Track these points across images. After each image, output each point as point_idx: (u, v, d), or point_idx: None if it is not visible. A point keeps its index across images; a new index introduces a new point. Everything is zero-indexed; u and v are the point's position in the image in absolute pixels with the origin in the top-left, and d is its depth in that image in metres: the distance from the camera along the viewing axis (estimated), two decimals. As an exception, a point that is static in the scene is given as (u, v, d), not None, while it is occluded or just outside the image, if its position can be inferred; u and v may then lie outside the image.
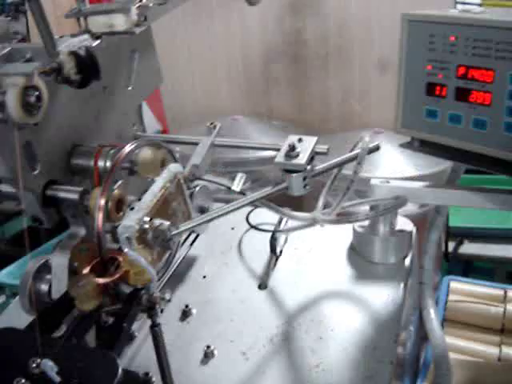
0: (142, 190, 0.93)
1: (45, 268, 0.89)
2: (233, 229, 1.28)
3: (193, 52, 2.86)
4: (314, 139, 0.92)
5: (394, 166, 2.05)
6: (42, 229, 3.27)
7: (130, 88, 0.97)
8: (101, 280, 0.73)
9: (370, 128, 2.27)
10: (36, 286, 0.87)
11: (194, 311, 1.05)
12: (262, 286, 1.10)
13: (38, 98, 0.63)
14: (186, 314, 1.04)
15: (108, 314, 0.79)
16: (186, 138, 1.00)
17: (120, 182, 0.80)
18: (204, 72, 2.88)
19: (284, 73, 2.73)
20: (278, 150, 0.90)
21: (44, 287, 0.88)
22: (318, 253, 1.18)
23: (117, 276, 0.73)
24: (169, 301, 0.80)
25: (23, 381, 0.64)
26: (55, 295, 0.85)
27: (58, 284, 0.85)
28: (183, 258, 1.17)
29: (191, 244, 1.20)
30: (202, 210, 1.05)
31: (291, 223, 1.19)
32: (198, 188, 1.03)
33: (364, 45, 2.54)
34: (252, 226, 1.20)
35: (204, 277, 1.14)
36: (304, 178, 0.87)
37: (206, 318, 1.04)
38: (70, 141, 0.86)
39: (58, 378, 0.61)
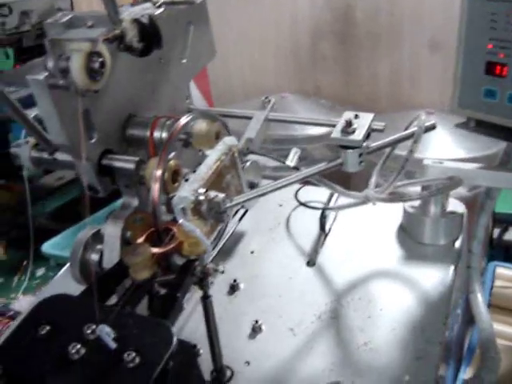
0: (193, 162, 0.93)
1: (96, 238, 0.90)
2: (280, 205, 1.27)
3: (241, 29, 2.84)
4: (371, 116, 0.90)
5: (444, 147, 2.01)
6: (83, 202, 3.33)
7: (184, 61, 0.96)
8: (156, 250, 0.73)
9: (421, 108, 2.22)
10: (87, 255, 0.88)
11: (241, 286, 1.05)
12: (311, 263, 1.09)
13: (102, 65, 0.63)
14: (233, 288, 1.04)
15: (160, 285, 0.79)
16: (240, 111, 0.99)
17: (174, 154, 0.80)
18: (251, 49, 2.87)
19: (332, 51, 2.69)
20: (334, 126, 0.88)
21: (95, 257, 0.88)
22: (367, 232, 1.17)
23: (171, 246, 0.74)
24: (222, 272, 0.80)
25: (78, 346, 0.64)
26: (107, 265, 0.86)
27: (109, 254, 0.86)
28: (232, 232, 1.17)
29: (240, 219, 1.20)
30: (252, 186, 1.04)
31: (341, 201, 1.18)
32: (248, 163, 1.02)
33: (415, 23, 2.48)
34: (301, 203, 1.19)
35: (252, 252, 1.14)
36: (360, 155, 0.86)
37: (253, 293, 1.04)
38: (126, 111, 0.86)
39: (113, 344, 0.62)
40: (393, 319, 0.96)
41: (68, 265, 1.25)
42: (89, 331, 0.65)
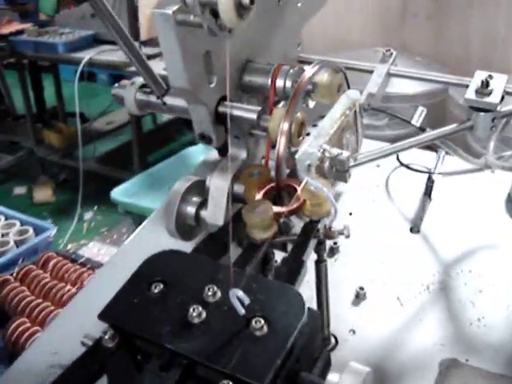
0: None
1: (193, 189, 0.84)
2: (378, 166, 1.20)
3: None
4: (505, 77, 0.82)
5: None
6: (134, 149, 3.30)
7: (299, 4, 0.89)
8: (278, 209, 0.67)
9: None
10: (182, 207, 0.83)
11: (341, 249, 1.00)
12: (414, 229, 1.03)
13: (252, 0, 0.56)
14: (333, 251, 0.99)
15: (272, 246, 0.74)
16: (359, 64, 0.91)
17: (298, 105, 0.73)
18: (337, 2, 2.73)
19: (422, 7, 2.55)
20: (463, 85, 0.81)
21: (190, 209, 0.83)
22: (474, 201, 1.09)
23: (295, 206, 0.68)
24: (347, 237, 0.75)
25: (200, 309, 0.59)
26: (211, 219, 0.80)
27: (214, 208, 0.80)
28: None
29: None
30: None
31: (453, 166, 1.10)
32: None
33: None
34: (405, 166, 1.11)
35: (350, 214, 1.08)
36: (492, 119, 0.78)
37: (354, 258, 0.98)
38: (244, 55, 0.79)
39: (243, 311, 0.57)
40: (507, 295, 0.89)
41: (152, 216, 1.22)
42: (210, 293, 0.61)
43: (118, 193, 2.49)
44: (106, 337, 0.61)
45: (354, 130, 0.82)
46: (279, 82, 0.76)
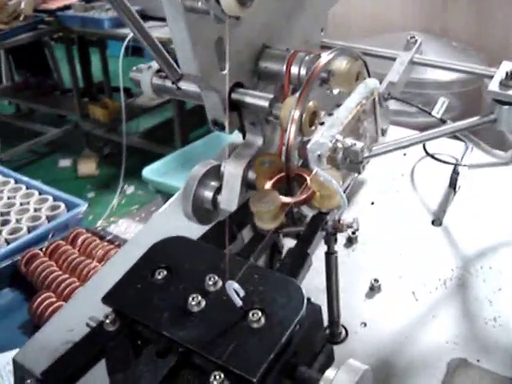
0: (325, 103, 0.85)
1: (211, 174, 0.84)
2: (405, 155, 1.17)
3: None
4: (533, 68, 0.78)
5: None
6: (175, 125, 3.32)
7: (322, -12, 0.87)
8: (286, 199, 0.66)
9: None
10: (200, 191, 0.82)
11: (359, 239, 0.98)
12: (436, 222, 1.00)
13: (254, -11, 0.55)
14: (351, 240, 0.97)
15: (284, 237, 0.74)
16: (381, 51, 0.89)
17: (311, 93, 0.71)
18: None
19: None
20: (488, 76, 0.78)
21: (208, 194, 0.83)
22: (500, 196, 1.05)
23: (304, 197, 0.67)
24: (355, 231, 0.73)
25: (199, 298, 0.59)
26: (224, 205, 0.80)
27: (228, 194, 0.80)
28: (352, 180, 1.08)
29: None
30: (382, 132, 0.95)
31: (480, 159, 1.07)
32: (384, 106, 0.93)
33: None
34: (431, 156, 1.09)
35: (372, 203, 1.06)
36: (517, 113, 0.75)
37: (372, 248, 0.97)
38: (260, 41, 0.78)
39: (240, 302, 0.56)
40: (527, 295, 0.87)
41: (174, 197, 1.22)
42: (210, 282, 0.60)
43: (149, 171, 2.51)
44: (107, 321, 0.61)
45: (372, 118, 0.80)
46: (294, 69, 0.74)
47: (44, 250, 1.67)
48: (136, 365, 0.58)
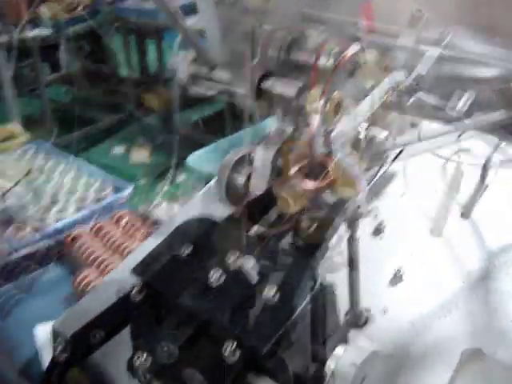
0: (353, 94, 0.87)
1: (244, 160, 0.87)
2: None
3: None
4: None
5: None
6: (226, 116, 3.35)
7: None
8: (309, 184, 0.69)
9: None
10: (233, 177, 0.86)
11: (388, 228, 1.00)
12: (465, 214, 1.01)
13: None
14: (379, 230, 0.99)
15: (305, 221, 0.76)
16: (412, 44, 0.90)
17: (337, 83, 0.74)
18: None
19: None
20: None
21: (241, 179, 0.86)
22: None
23: (325, 182, 0.69)
24: (376, 216, 0.76)
25: (219, 273, 0.63)
26: (254, 190, 0.83)
27: (257, 179, 0.83)
28: (383, 172, 1.10)
29: (394, 159, 1.13)
30: (413, 125, 0.97)
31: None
32: (410, 100, 0.94)
33: None
34: (462, 149, 1.09)
35: (402, 195, 1.07)
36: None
37: (398, 238, 0.99)
38: (292, 31, 0.80)
39: (255, 278, 0.60)
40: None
41: (211, 183, 1.26)
42: (231, 259, 0.64)
43: (192, 159, 2.54)
44: (134, 291, 0.66)
45: (400, 111, 0.82)
46: (323, 60, 0.77)
47: (89, 230, 1.74)
48: (157, 332, 0.62)
